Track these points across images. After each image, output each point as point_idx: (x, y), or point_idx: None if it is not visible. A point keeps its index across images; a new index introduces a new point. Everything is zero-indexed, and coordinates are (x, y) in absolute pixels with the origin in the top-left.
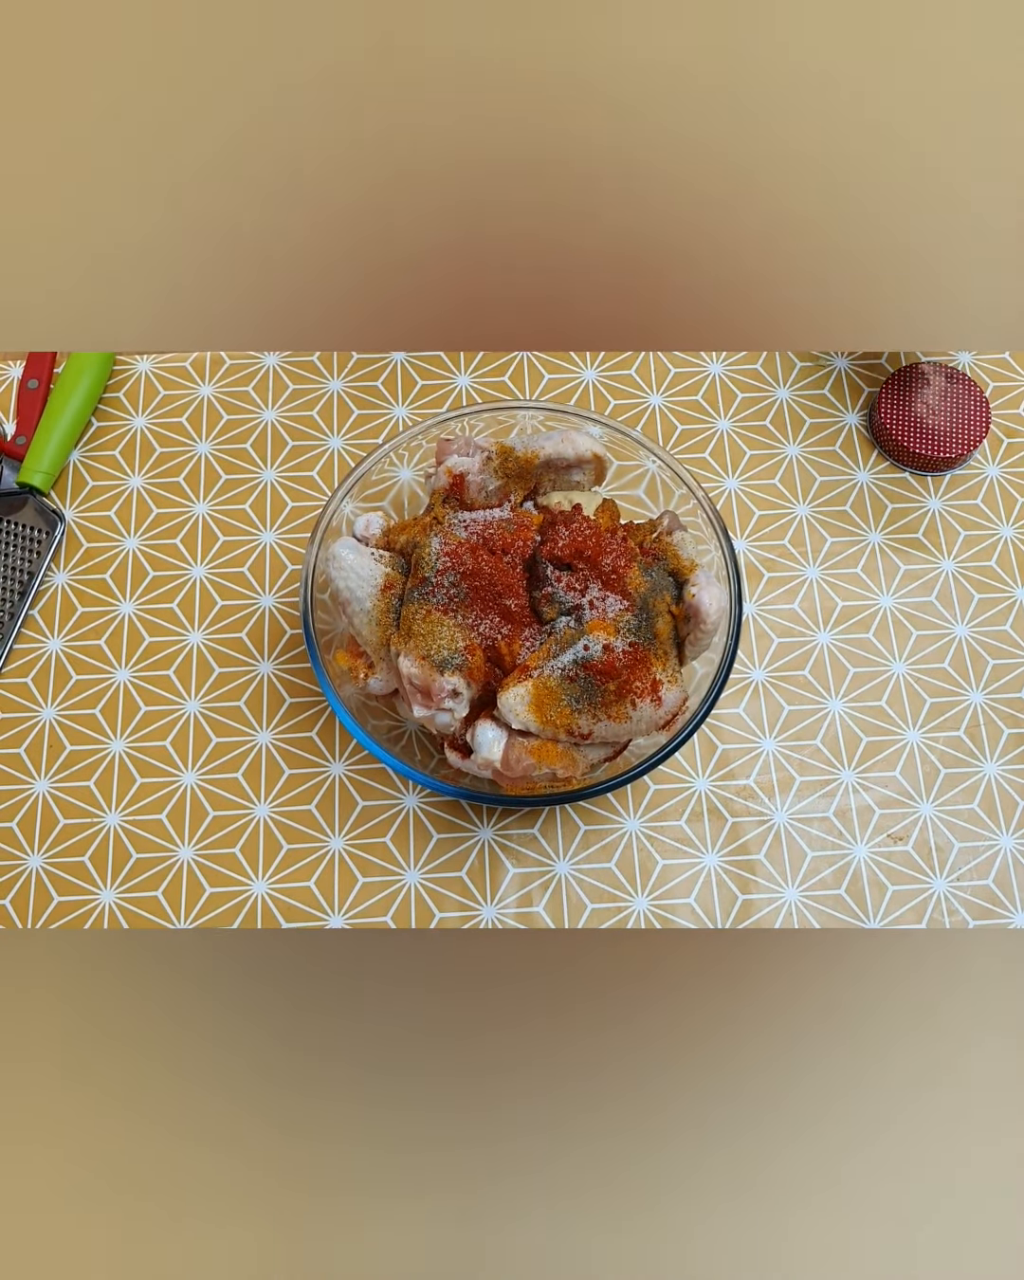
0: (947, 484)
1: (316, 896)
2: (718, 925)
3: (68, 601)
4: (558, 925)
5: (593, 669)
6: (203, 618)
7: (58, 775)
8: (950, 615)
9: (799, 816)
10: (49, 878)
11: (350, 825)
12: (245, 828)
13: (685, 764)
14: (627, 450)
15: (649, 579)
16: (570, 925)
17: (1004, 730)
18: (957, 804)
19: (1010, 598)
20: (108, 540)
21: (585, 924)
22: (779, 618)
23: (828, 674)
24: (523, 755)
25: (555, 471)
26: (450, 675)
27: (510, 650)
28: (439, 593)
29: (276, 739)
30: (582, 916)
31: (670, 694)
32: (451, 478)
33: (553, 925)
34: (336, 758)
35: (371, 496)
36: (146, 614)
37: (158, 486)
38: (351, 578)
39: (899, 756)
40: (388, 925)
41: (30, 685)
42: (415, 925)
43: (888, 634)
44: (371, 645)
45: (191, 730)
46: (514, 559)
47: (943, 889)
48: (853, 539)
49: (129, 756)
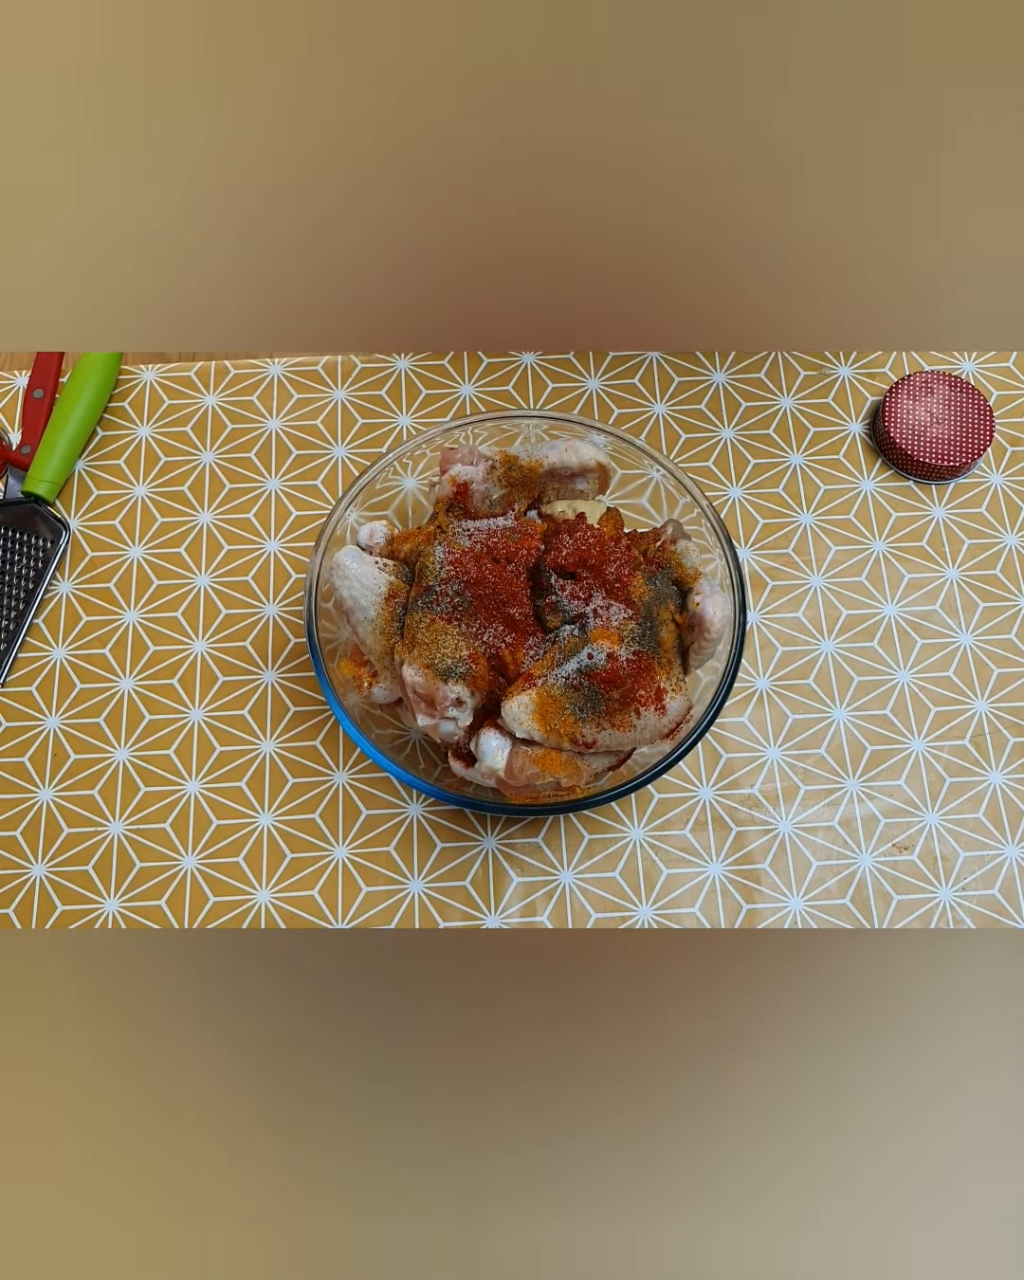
0: (951, 492)
1: (320, 905)
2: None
3: (72, 610)
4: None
5: (597, 678)
6: (207, 627)
7: (61, 784)
8: (955, 624)
9: (804, 826)
10: (53, 886)
11: (354, 834)
12: (249, 837)
13: (689, 773)
14: (630, 459)
15: (653, 588)
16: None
17: (1010, 739)
18: (962, 813)
19: (1015, 606)
20: (112, 549)
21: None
22: (783, 626)
23: (832, 683)
24: (527, 764)
25: (559, 480)
26: (454, 684)
27: (514, 659)
28: (443, 601)
29: (280, 748)
30: (586, 926)
31: (674, 703)
32: (455, 486)
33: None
34: (340, 766)
35: (375, 505)
36: (151, 623)
37: (162, 495)
38: (355, 586)
39: (904, 765)
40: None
41: (34, 694)
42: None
43: (892, 643)
44: (375, 654)
45: (195, 739)
46: (518, 568)
47: (948, 898)
48: (857, 547)
49: (133, 765)
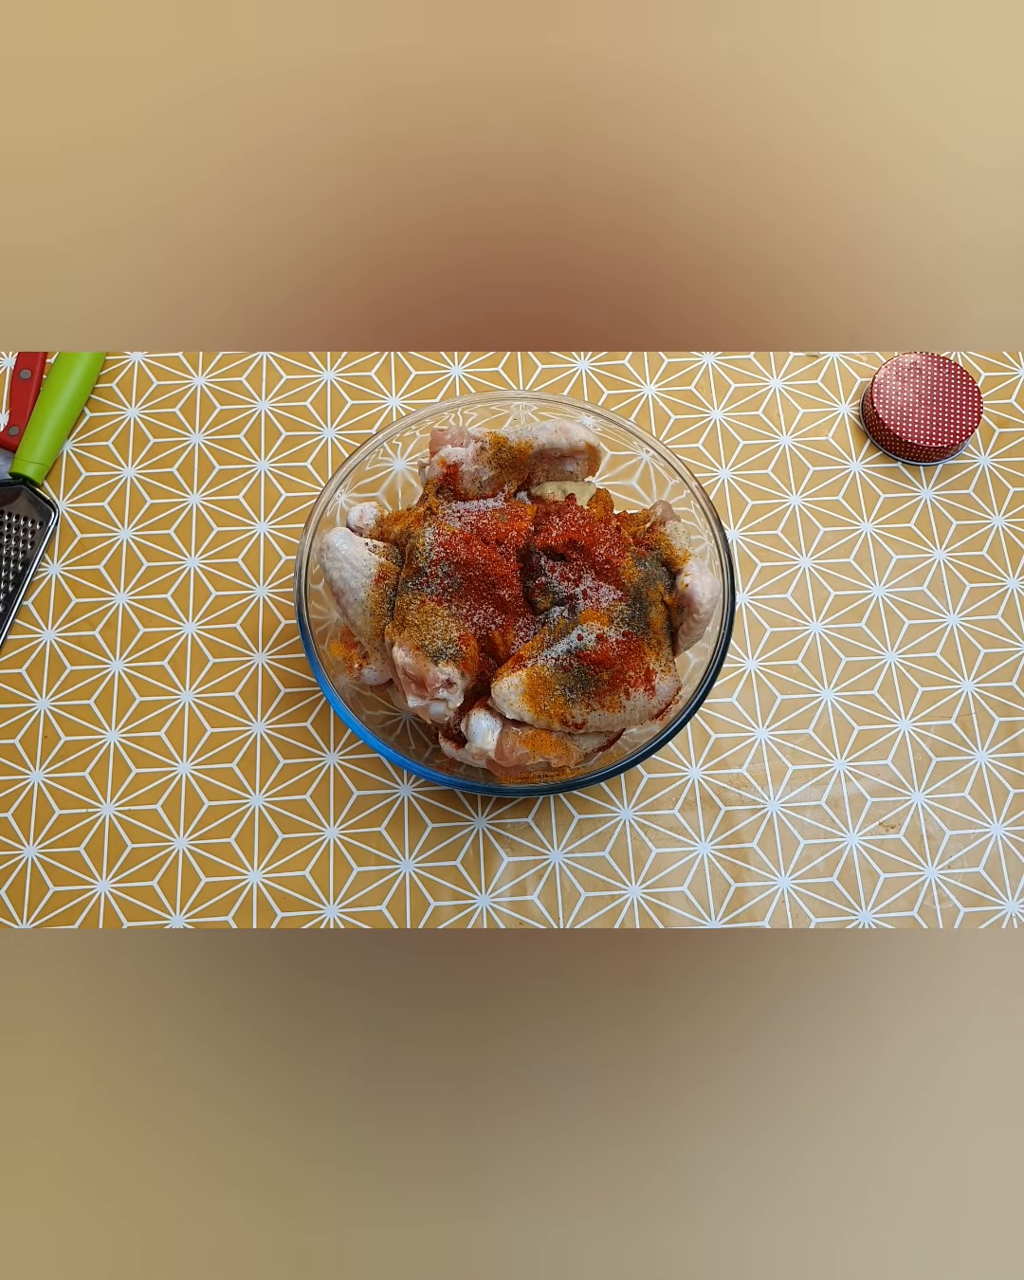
0: (938, 474)
1: (312, 885)
2: (711, 913)
3: (62, 592)
4: (552, 913)
5: (587, 659)
6: (197, 608)
7: (52, 766)
8: (942, 604)
9: (792, 805)
10: (45, 868)
11: (345, 815)
12: (240, 818)
13: (679, 753)
14: (620, 440)
15: (642, 569)
16: (565, 913)
17: (995, 719)
18: (948, 792)
19: (1002, 587)
20: (101, 531)
21: (580, 911)
22: (772, 607)
23: (820, 663)
24: (517, 745)
25: (549, 462)
26: (444, 665)
27: (504, 640)
28: (433, 583)
29: (271, 729)
30: (576, 905)
31: (664, 683)
32: (445, 468)
33: (547, 913)
34: (331, 748)
35: (365, 487)
36: (141, 605)
37: (151, 477)
38: (346, 568)
39: (891, 745)
40: (383, 914)
41: (24, 676)
42: (410, 914)
43: (880, 623)
44: (366, 635)
45: (186, 720)
46: (508, 549)
47: (934, 877)
48: (845, 529)
49: (124, 747)
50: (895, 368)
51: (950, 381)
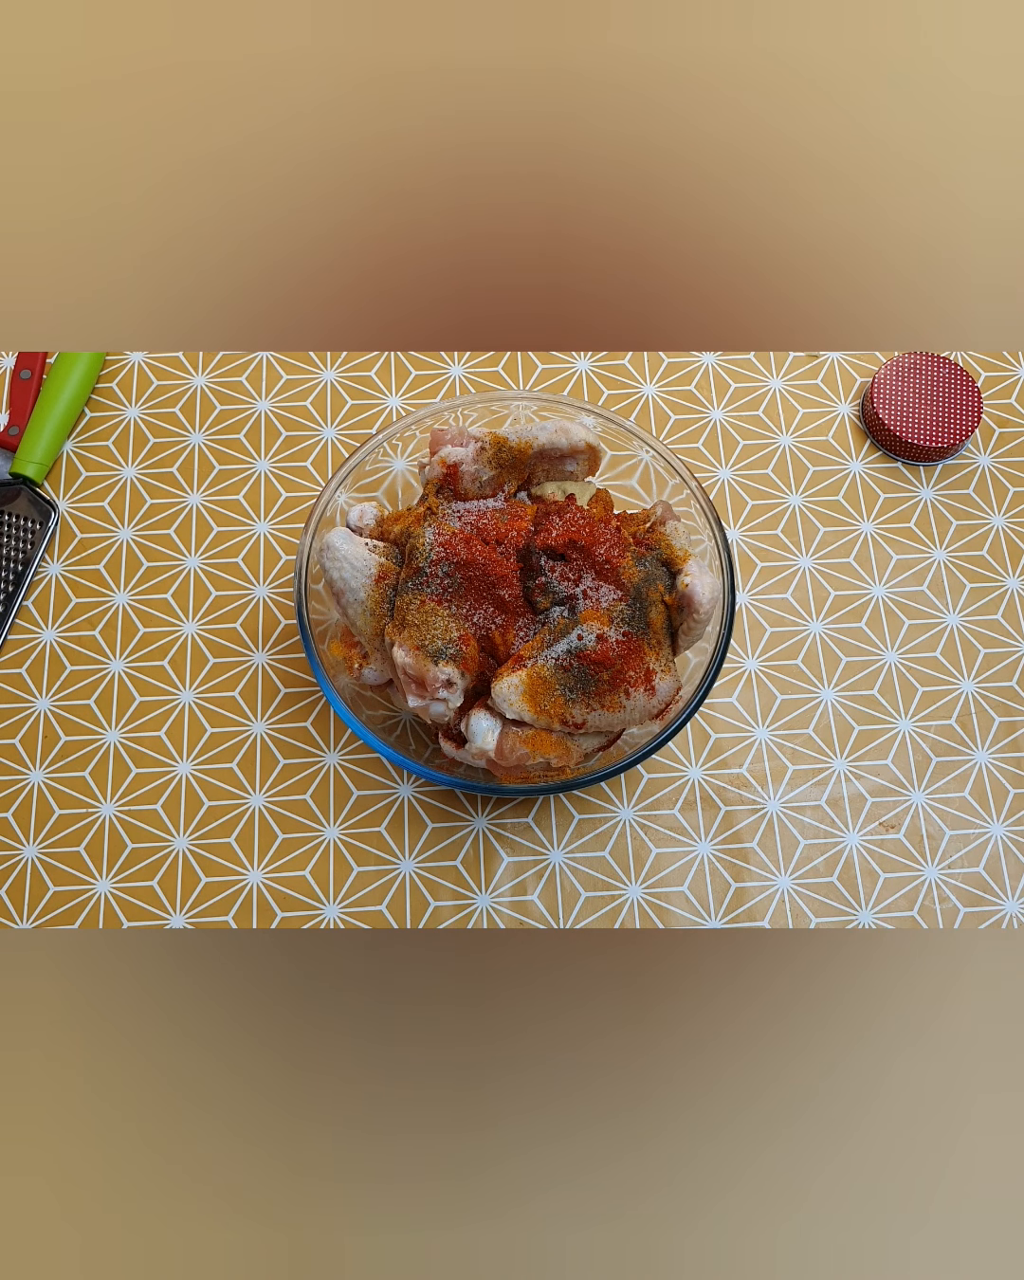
0: (938, 474)
1: (312, 885)
2: (711, 913)
3: (62, 592)
4: (552, 913)
5: (587, 658)
6: (197, 608)
7: (52, 766)
8: (942, 605)
9: (792, 805)
10: (45, 868)
11: (345, 815)
12: (240, 818)
13: (679, 753)
14: (620, 441)
15: (642, 569)
16: (565, 913)
17: (995, 719)
18: (948, 792)
19: (1002, 587)
20: (102, 531)
21: (580, 911)
22: (772, 607)
23: (820, 663)
24: (517, 745)
25: (549, 462)
26: (444, 665)
27: (504, 640)
28: (433, 583)
29: (271, 729)
30: (576, 905)
31: (664, 683)
32: (445, 468)
33: (547, 913)
34: (331, 748)
35: (365, 487)
36: (141, 605)
37: (151, 477)
38: (345, 568)
39: (891, 745)
40: (383, 914)
41: (24, 676)
42: (410, 914)
43: (880, 623)
44: (366, 635)
45: (186, 721)
46: (508, 549)
47: (934, 877)
48: (845, 529)
49: (124, 747)
50: (895, 368)
51: (950, 381)
